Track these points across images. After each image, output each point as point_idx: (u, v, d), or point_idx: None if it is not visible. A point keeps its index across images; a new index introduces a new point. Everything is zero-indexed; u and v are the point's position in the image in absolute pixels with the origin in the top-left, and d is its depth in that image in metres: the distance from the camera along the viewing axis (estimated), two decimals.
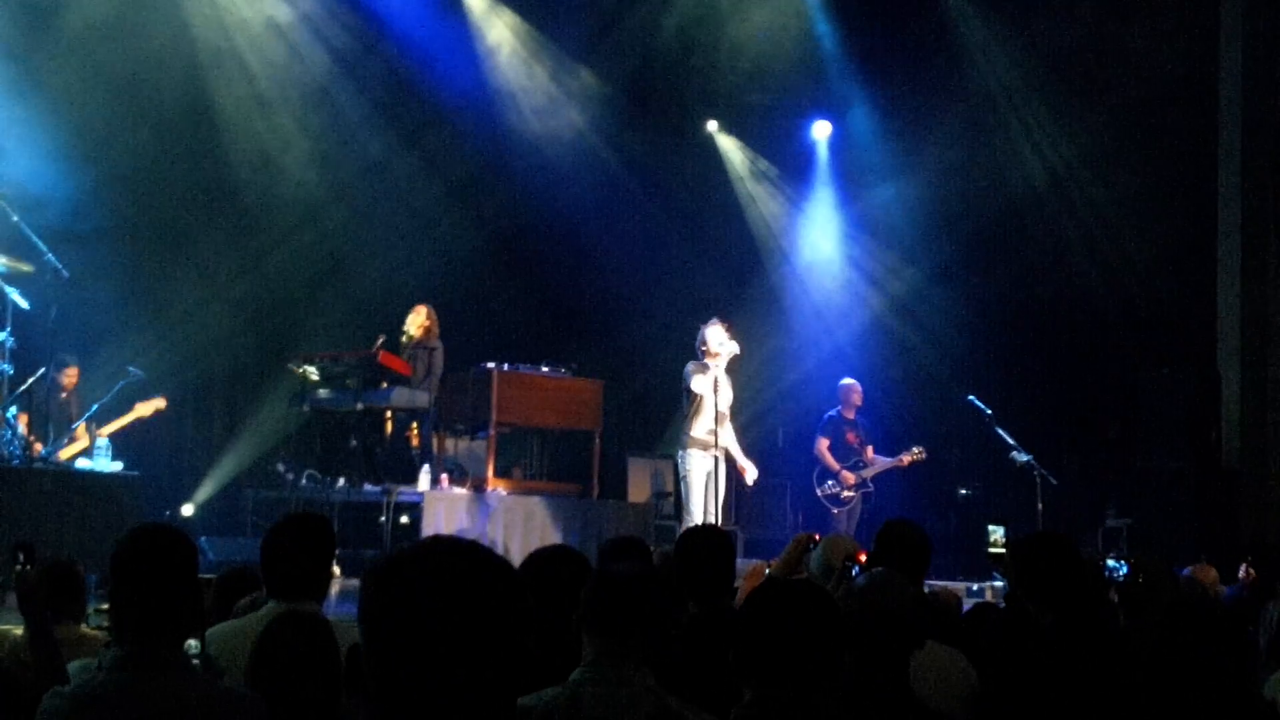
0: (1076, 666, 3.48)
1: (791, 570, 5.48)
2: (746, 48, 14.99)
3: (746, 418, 14.56)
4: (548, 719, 3.14)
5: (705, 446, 10.12)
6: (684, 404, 10.36)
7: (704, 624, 4.40)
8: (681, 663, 4.06)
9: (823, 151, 16.13)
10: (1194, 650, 3.29)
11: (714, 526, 7.74)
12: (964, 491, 14.77)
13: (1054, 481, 11.93)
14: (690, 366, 10.34)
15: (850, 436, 12.19)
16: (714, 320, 10.44)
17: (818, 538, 5.53)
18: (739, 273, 15.83)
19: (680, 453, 10.31)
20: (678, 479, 10.52)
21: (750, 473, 10.56)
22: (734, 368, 10.55)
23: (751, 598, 3.26)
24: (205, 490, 12.90)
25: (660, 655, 3.31)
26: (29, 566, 3.81)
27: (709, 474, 10.13)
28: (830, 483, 12.11)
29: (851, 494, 12.08)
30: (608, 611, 3.22)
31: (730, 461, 10.50)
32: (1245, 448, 13.09)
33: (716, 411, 10.14)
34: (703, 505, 10.08)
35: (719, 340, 10.27)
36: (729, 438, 10.43)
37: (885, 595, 3.52)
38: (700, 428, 10.13)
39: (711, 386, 10.14)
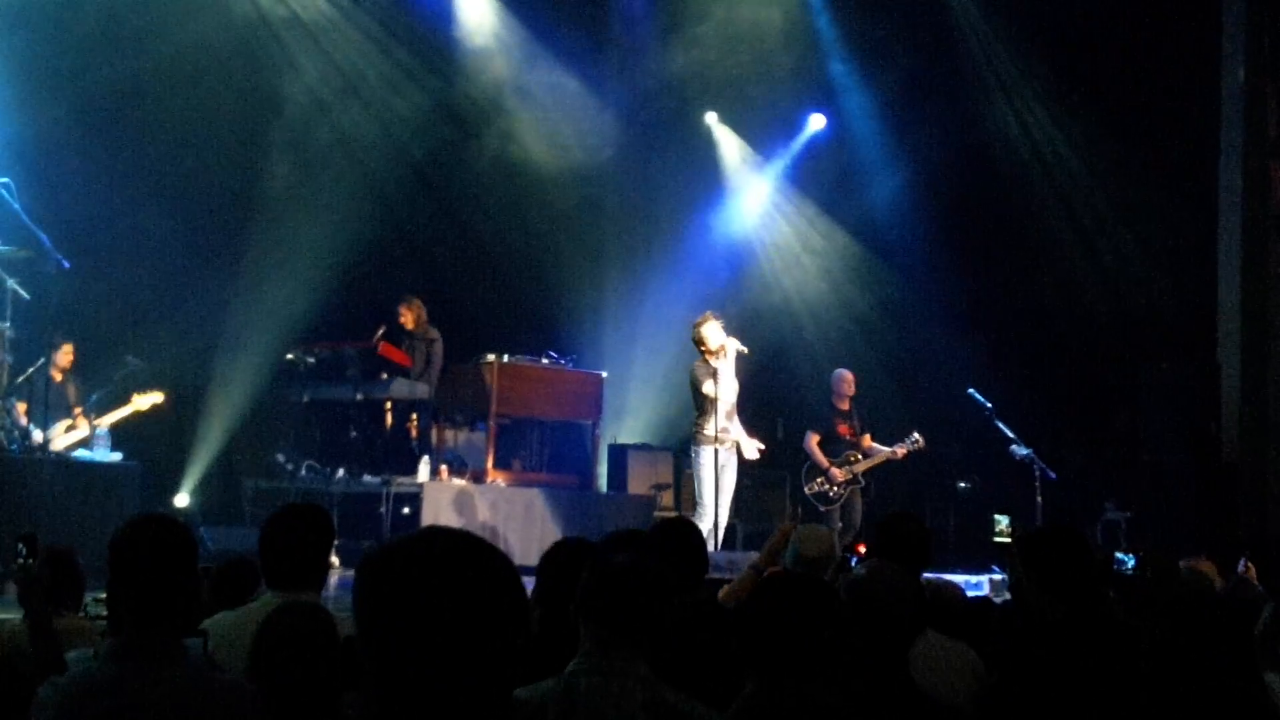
0: (1086, 659, 3.48)
1: (774, 560, 5.50)
2: (745, 39, 14.97)
3: (746, 411, 14.57)
4: (542, 710, 3.14)
5: (714, 442, 10.26)
6: (694, 402, 10.46)
7: (686, 613, 4.40)
8: (672, 653, 4.06)
9: (819, 144, 16.10)
10: (1200, 645, 3.28)
11: (682, 518, 7.75)
12: (963, 485, 14.76)
13: (1053, 475, 11.91)
14: (697, 368, 10.40)
15: (843, 428, 11.94)
16: (709, 316, 10.48)
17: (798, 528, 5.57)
18: (737, 265, 15.82)
19: (692, 448, 10.52)
20: (680, 473, 10.61)
21: (750, 450, 10.58)
22: (739, 364, 10.62)
23: (755, 591, 3.26)
24: (203, 481, 12.89)
25: (655, 646, 3.30)
26: (31, 560, 3.80)
27: (718, 468, 10.25)
28: (818, 480, 11.85)
29: (840, 491, 11.81)
30: (604, 602, 3.22)
31: (740, 454, 10.58)
32: (1244, 441, 13.08)
33: (725, 408, 10.29)
34: (714, 499, 10.19)
35: (717, 337, 10.36)
36: (738, 429, 10.54)
37: (883, 585, 3.53)
38: (711, 425, 10.28)
39: (716, 385, 10.28)
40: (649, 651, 3.22)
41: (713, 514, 10.17)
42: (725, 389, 10.38)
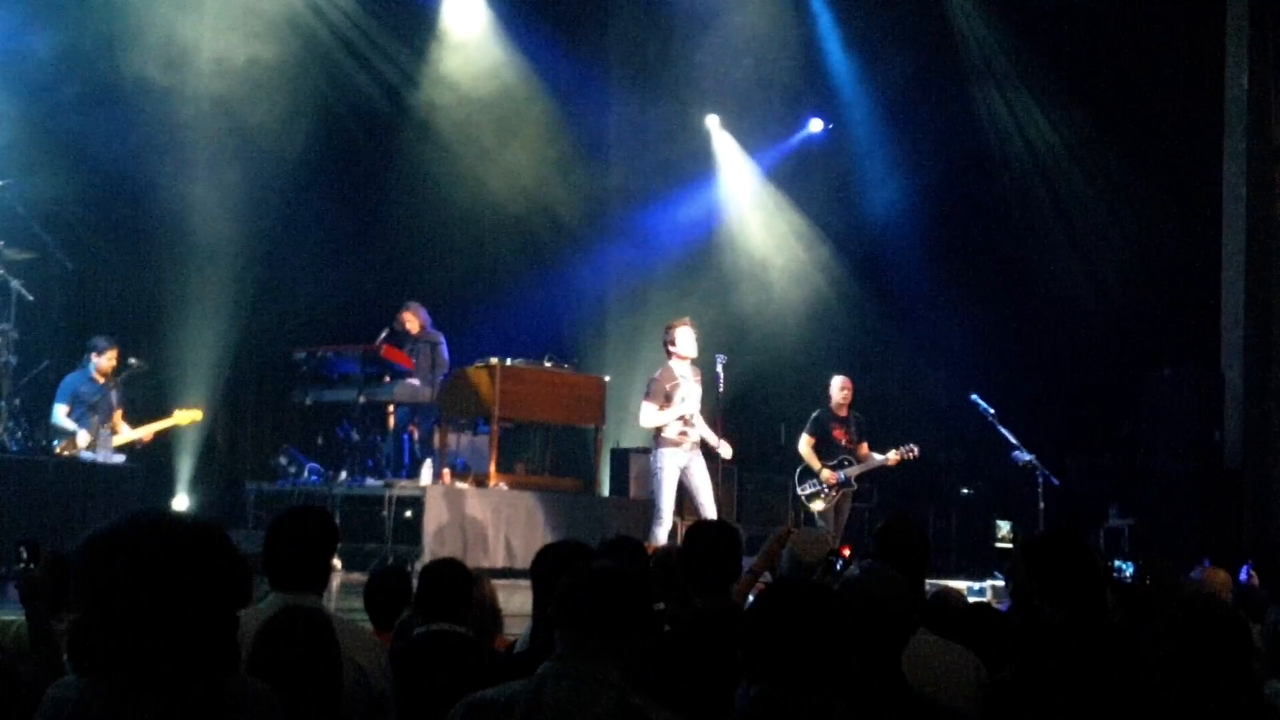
0: (1088, 666, 3.48)
1: (771, 565, 5.51)
2: (745, 44, 14.99)
3: (749, 416, 14.59)
4: (509, 711, 3.16)
5: (676, 445, 10.30)
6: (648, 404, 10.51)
7: (709, 618, 4.41)
8: (683, 656, 4.06)
9: (820, 148, 16.11)
10: (1203, 652, 3.28)
11: (719, 521, 7.79)
12: (966, 490, 14.75)
13: (1056, 481, 11.90)
14: (658, 377, 10.48)
15: (838, 433, 11.88)
16: (685, 321, 10.59)
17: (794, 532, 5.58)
18: (739, 268, 15.82)
19: (653, 452, 10.57)
20: (652, 476, 10.61)
21: (725, 449, 10.60)
22: (726, 374, 10.70)
23: (759, 597, 3.26)
24: (205, 484, 12.90)
25: (636, 652, 3.30)
26: (33, 565, 3.81)
27: (683, 470, 10.28)
28: (811, 482, 11.85)
29: (832, 493, 11.81)
30: (578, 606, 3.23)
31: (712, 456, 10.58)
32: (1248, 448, 13.08)
33: (686, 414, 10.33)
34: (672, 505, 10.25)
35: (688, 342, 10.43)
36: (701, 432, 10.54)
37: (878, 586, 3.54)
38: (670, 429, 10.31)
39: (676, 394, 10.32)
40: (622, 657, 3.23)
41: (669, 521, 10.27)
42: (691, 395, 10.43)
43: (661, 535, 10.14)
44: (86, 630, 2.21)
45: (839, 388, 11.93)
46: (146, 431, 11.06)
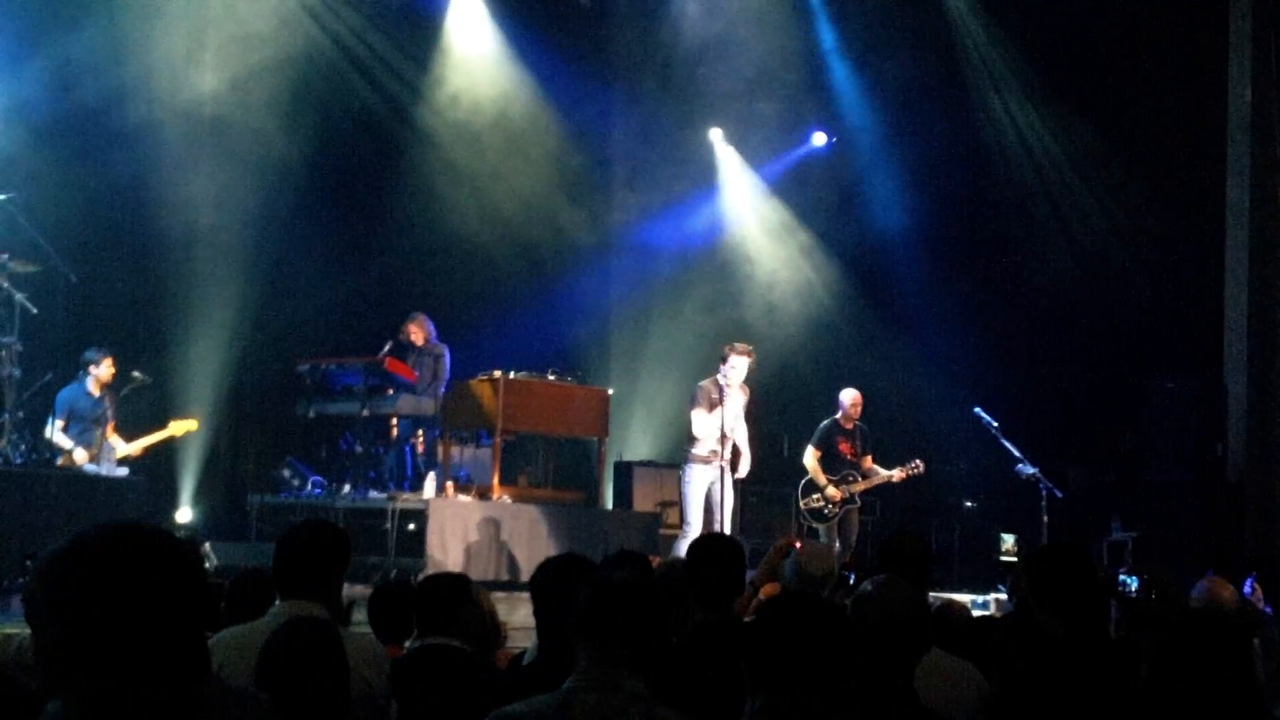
0: (1089, 679, 3.47)
1: (771, 576, 5.52)
2: (748, 56, 15.01)
3: (752, 428, 14.58)
4: None
5: (706, 462, 10.31)
6: (690, 421, 10.51)
7: (710, 631, 4.41)
8: (683, 669, 4.06)
9: (822, 161, 16.13)
10: (1208, 666, 3.28)
11: (724, 535, 7.82)
12: (969, 503, 14.72)
13: (1059, 494, 11.89)
14: (703, 385, 10.44)
15: (844, 446, 11.80)
16: (748, 351, 10.56)
17: (798, 545, 5.59)
18: (743, 281, 15.83)
19: (683, 466, 10.60)
20: (681, 490, 10.63)
21: (743, 467, 10.60)
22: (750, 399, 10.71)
23: (764, 609, 3.27)
24: (208, 497, 12.90)
25: (657, 664, 3.31)
26: None
27: (710, 486, 10.29)
28: (815, 496, 11.78)
29: (835, 509, 11.70)
30: (602, 618, 3.23)
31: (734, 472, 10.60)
32: (1251, 460, 13.05)
33: (721, 431, 10.33)
34: (701, 519, 10.23)
35: (739, 371, 10.44)
36: (742, 441, 10.55)
37: (893, 602, 3.53)
38: (703, 445, 10.32)
39: (718, 408, 10.32)
40: (646, 669, 3.23)
41: (698, 533, 10.22)
42: (729, 412, 10.42)
43: (685, 549, 10.15)
44: (52, 648, 2.16)
45: (851, 402, 11.82)
46: (136, 446, 11.06)
